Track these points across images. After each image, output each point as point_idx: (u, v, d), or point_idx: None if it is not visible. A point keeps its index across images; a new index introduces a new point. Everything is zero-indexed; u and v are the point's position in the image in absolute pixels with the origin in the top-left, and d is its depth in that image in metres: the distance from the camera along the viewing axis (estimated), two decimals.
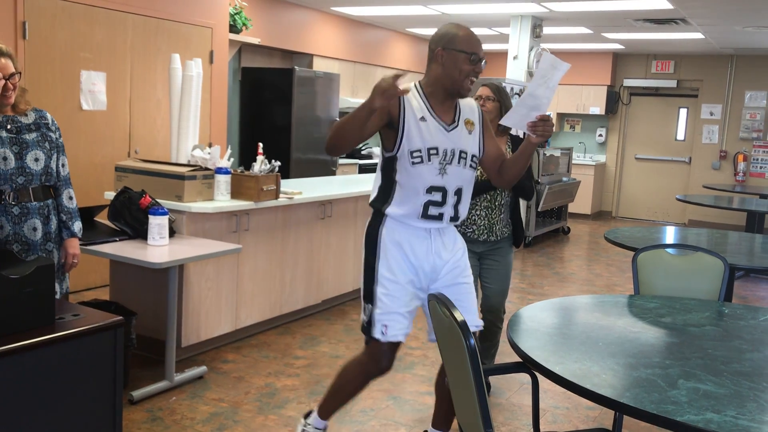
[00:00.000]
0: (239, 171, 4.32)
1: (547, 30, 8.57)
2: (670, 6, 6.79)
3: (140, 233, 3.60)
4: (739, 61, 10.61)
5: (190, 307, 4.00)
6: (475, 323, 2.78)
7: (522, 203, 7.61)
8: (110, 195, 4.00)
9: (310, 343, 4.51)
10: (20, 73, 2.82)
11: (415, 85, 2.67)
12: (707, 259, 3.22)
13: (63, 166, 3.00)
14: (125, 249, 3.45)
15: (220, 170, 4.13)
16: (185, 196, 3.92)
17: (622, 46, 10.45)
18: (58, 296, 2.94)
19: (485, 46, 11.04)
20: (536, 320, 2.48)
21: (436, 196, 2.62)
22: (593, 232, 10.08)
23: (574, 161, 10.32)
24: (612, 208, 11.75)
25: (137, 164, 4.18)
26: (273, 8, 7.82)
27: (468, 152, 2.67)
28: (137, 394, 3.47)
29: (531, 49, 8.07)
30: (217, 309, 4.20)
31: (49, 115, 2.98)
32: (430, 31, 10.03)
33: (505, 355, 4.15)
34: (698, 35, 8.68)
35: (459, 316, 1.92)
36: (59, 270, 2.99)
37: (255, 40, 7.28)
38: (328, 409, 2.94)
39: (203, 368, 3.87)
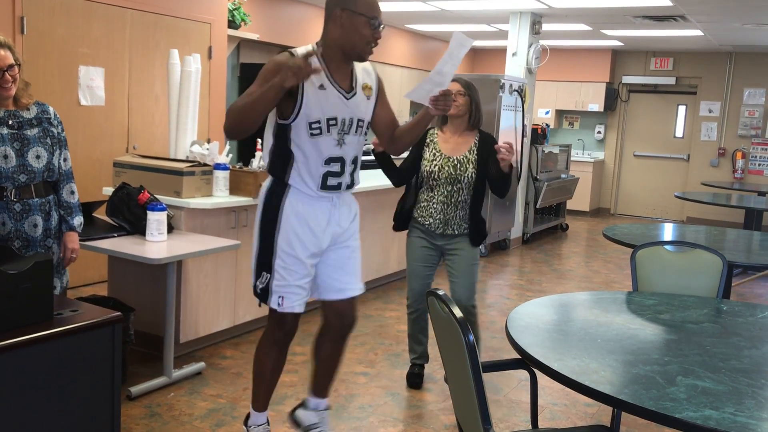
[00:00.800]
0: (238, 167, 4.31)
1: (546, 27, 8.56)
2: (669, 3, 6.78)
3: (138, 229, 3.59)
4: (738, 59, 10.61)
5: (188, 303, 4.00)
6: (358, 287, 2.86)
7: (519, 201, 7.60)
8: (108, 190, 3.99)
9: (308, 340, 4.49)
10: (20, 64, 2.77)
11: (313, 49, 2.59)
12: (705, 256, 3.22)
13: (65, 160, 2.97)
14: (123, 245, 3.44)
15: (218, 166, 4.12)
16: (184, 191, 3.92)
17: (621, 43, 10.45)
18: (57, 291, 2.94)
19: (484, 43, 11.02)
20: (534, 317, 2.48)
21: (335, 167, 2.62)
22: (591, 229, 10.08)
23: (572, 158, 10.32)
24: (610, 205, 11.76)
25: (136, 160, 4.17)
26: (272, 4, 7.81)
27: (365, 120, 2.69)
28: (135, 390, 3.47)
29: (530, 46, 8.06)
30: (215, 305, 4.20)
31: (51, 109, 2.94)
32: (430, 28, 10.05)
33: (503, 351, 4.16)
34: (697, 32, 8.68)
35: (458, 312, 1.92)
36: (59, 265, 2.98)
37: (254, 36, 7.27)
38: (258, 398, 2.89)
39: (201, 364, 3.87)
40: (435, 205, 3.58)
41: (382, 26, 2.58)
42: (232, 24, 6.83)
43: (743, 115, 10.63)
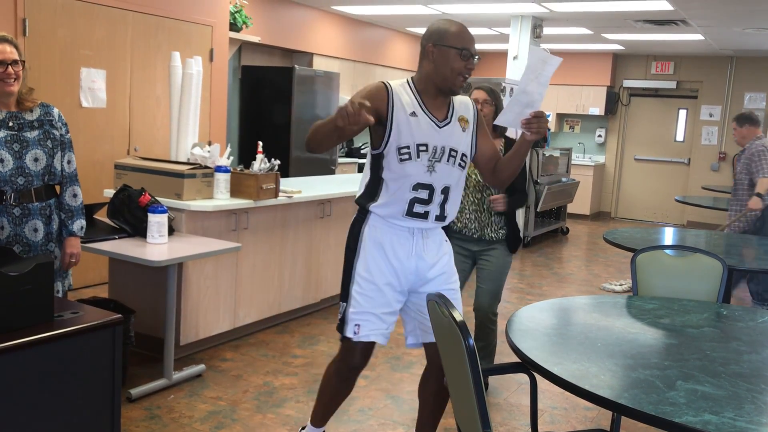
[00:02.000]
0: (239, 169, 4.31)
1: (547, 30, 8.57)
2: (670, 7, 6.79)
3: (139, 231, 3.60)
4: (739, 63, 10.62)
5: (188, 305, 4.00)
6: None
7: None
8: (110, 193, 4.00)
9: (309, 342, 4.51)
10: (24, 61, 2.75)
11: (407, 81, 2.63)
12: (706, 261, 3.22)
13: (69, 162, 2.93)
14: (124, 247, 3.45)
15: (219, 168, 4.13)
16: (184, 194, 3.92)
17: (621, 47, 10.45)
18: (59, 295, 2.92)
19: (485, 46, 11.02)
20: (535, 320, 2.48)
21: (423, 194, 2.56)
22: (592, 232, 10.08)
23: (573, 162, 10.32)
24: (611, 208, 11.76)
25: (137, 162, 4.18)
26: (273, 7, 7.82)
27: (458, 150, 2.60)
28: (136, 392, 3.47)
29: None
30: (215, 307, 4.20)
31: (55, 111, 2.91)
32: None
33: (503, 355, 4.16)
34: (698, 36, 8.69)
35: (458, 316, 1.92)
36: (60, 268, 2.96)
37: (255, 39, 7.28)
38: (317, 415, 2.91)
39: (202, 366, 3.87)
40: (468, 215, 3.61)
41: (476, 58, 2.54)
42: (234, 27, 6.84)
43: None
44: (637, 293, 3.21)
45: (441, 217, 2.63)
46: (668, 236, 4.65)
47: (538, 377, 2.13)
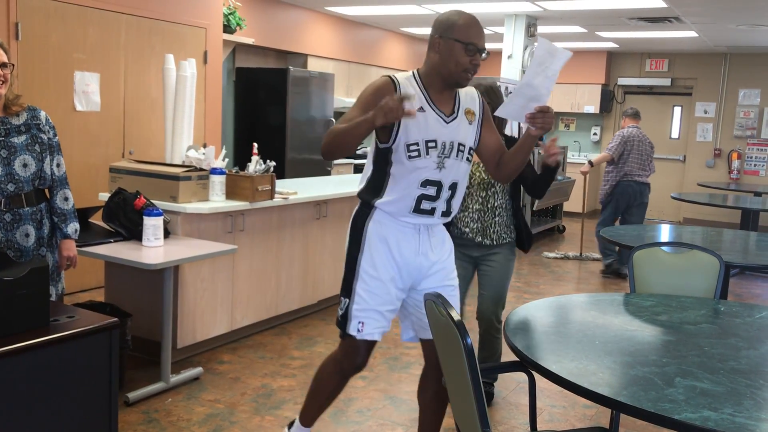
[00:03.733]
0: (234, 171, 4.31)
1: (541, 29, 8.58)
2: (663, 4, 6.80)
3: (135, 234, 3.58)
4: (733, 59, 10.64)
5: (185, 308, 3.99)
6: None
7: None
8: (105, 196, 3.98)
9: (306, 344, 4.50)
10: (13, 65, 2.72)
11: (413, 74, 2.58)
12: (703, 257, 3.22)
13: (58, 166, 2.90)
14: (120, 250, 3.43)
15: (214, 171, 4.12)
16: (180, 196, 3.91)
17: (616, 45, 10.47)
18: (53, 299, 2.91)
19: None
20: (533, 319, 2.48)
21: (431, 191, 2.53)
22: (588, 230, 10.07)
23: (569, 160, 10.32)
24: None
25: (132, 165, 4.16)
26: (267, 8, 7.81)
27: (466, 145, 2.57)
28: (133, 395, 3.45)
29: (525, 48, 8.08)
30: (212, 310, 4.19)
31: (42, 114, 2.87)
32: (425, 31, 10.04)
33: (502, 354, 4.15)
34: (692, 33, 8.70)
35: (455, 315, 1.91)
36: (53, 272, 2.94)
37: (249, 40, 7.27)
38: (308, 414, 2.85)
39: (199, 369, 3.86)
40: (471, 214, 3.42)
41: (484, 54, 2.49)
42: (228, 28, 6.83)
43: (738, 116, 10.66)
44: (635, 290, 3.21)
45: (447, 213, 2.61)
46: (665, 233, 4.65)
47: (536, 376, 2.13)
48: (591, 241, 9.29)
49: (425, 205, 2.54)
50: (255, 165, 4.31)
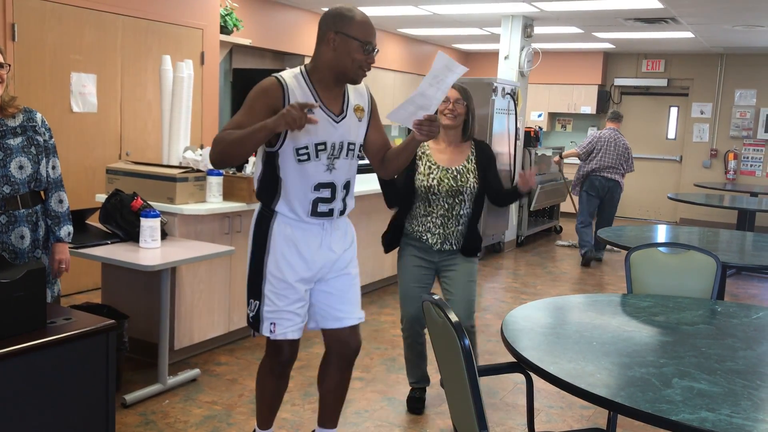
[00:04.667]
0: (231, 172, 4.30)
1: (537, 30, 8.59)
2: (659, 5, 6.81)
3: (132, 236, 3.58)
4: (729, 60, 10.66)
5: (182, 309, 3.99)
6: (357, 315, 2.78)
7: (513, 204, 7.53)
8: (101, 197, 3.98)
9: (304, 345, 4.49)
10: (10, 66, 2.71)
11: (300, 71, 2.55)
12: (699, 258, 3.23)
13: (53, 168, 2.89)
14: (117, 252, 3.43)
15: (211, 172, 4.11)
16: (177, 198, 3.91)
17: (612, 46, 10.49)
18: (49, 301, 2.90)
19: (476, 46, 11.02)
20: (530, 320, 2.48)
21: (325, 193, 2.55)
22: None
23: (565, 161, 10.31)
24: None
25: (128, 166, 4.16)
26: (264, 9, 7.81)
27: (356, 143, 2.61)
28: (130, 397, 3.45)
29: (522, 49, 8.08)
30: (209, 311, 4.19)
31: (38, 116, 2.86)
32: (422, 32, 10.06)
33: (498, 355, 4.16)
34: (688, 34, 8.72)
35: (453, 317, 1.91)
36: (49, 275, 2.93)
37: (246, 41, 7.26)
38: (261, 417, 2.86)
39: (196, 371, 3.86)
40: (434, 220, 3.34)
41: (376, 51, 2.51)
42: (225, 29, 6.82)
43: (735, 116, 10.68)
44: (632, 291, 3.21)
45: (344, 210, 2.67)
46: (661, 234, 4.66)
47: (534, 377, 2.13)
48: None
49: (322, 207, 2.58)
50: (252, 166, 4.30)
